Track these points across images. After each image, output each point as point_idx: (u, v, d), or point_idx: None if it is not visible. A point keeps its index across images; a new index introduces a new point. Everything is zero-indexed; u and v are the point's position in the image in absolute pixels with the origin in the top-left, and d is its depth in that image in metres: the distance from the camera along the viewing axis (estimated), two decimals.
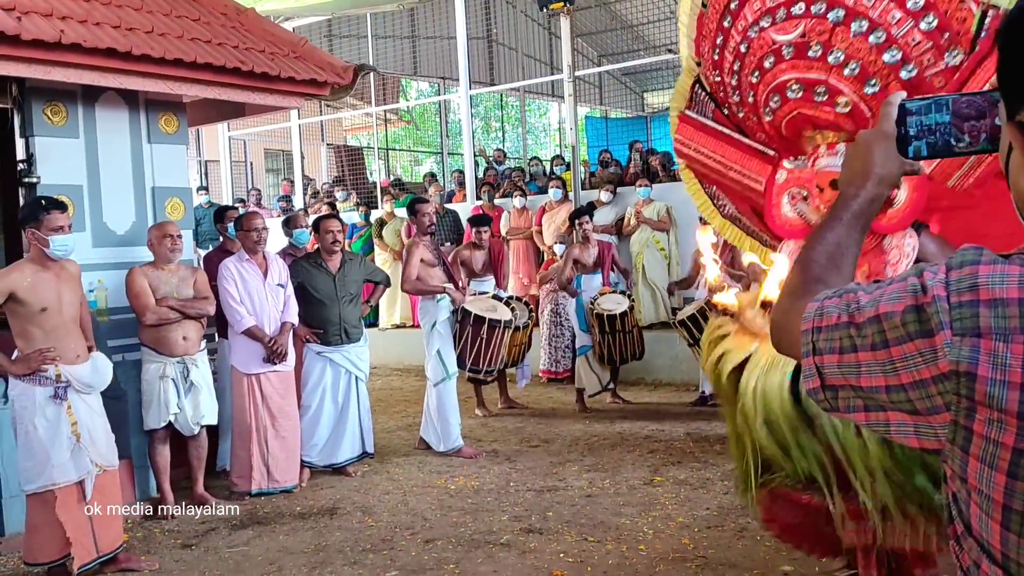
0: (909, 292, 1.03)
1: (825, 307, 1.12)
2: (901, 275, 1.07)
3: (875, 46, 2.89)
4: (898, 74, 2.90)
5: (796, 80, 3.08)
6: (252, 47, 6.07)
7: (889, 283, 1.06)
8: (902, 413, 1.06)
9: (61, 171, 5.58)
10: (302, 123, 14.72)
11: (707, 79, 3.53)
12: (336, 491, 5.87)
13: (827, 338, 1.10)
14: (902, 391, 1.04)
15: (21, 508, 4.49)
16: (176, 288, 5.46)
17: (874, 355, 1.05)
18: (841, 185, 1.32)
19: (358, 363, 6.37)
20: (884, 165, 1.28)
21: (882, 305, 1.04)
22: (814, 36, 2.98)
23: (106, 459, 4.51)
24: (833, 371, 1.10)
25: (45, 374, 4.29)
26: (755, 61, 3.17)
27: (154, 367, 5.42)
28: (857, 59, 2.93)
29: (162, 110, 6.15)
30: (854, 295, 1.09)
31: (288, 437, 5.94)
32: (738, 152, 3.40)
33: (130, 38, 5.25)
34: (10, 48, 4.71)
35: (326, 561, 4.58)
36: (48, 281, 4.34)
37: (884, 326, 1.04)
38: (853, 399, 1.10)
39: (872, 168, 1.28)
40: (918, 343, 1.01)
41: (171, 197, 6.20)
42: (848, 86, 2.98)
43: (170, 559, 4.74)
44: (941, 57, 2.84)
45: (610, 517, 5.07)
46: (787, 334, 1.22)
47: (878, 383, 1.05)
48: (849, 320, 1.08)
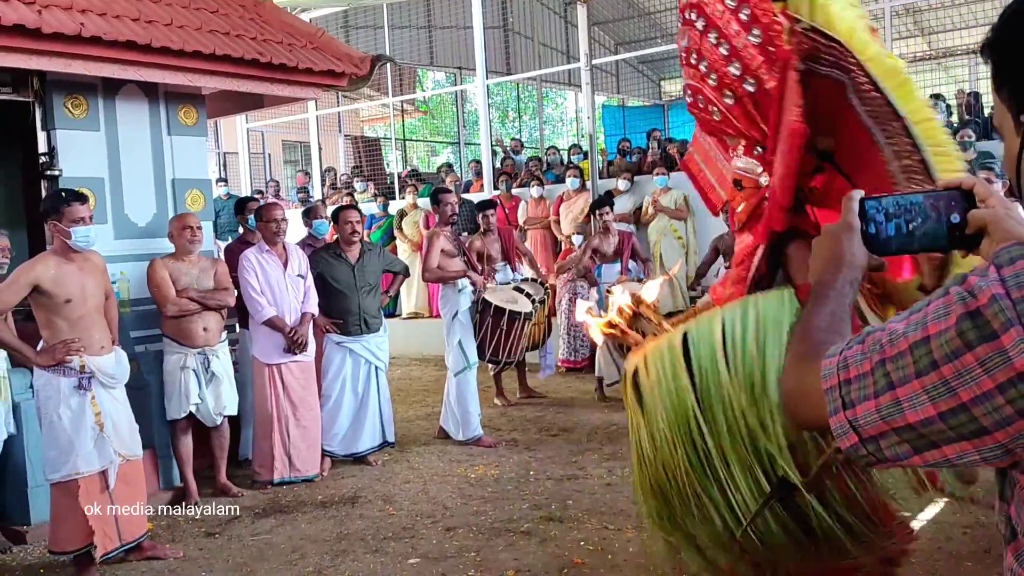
0: (957, 302, 0.97)
1: (848, 358, 1.07)
2: (937, 293, 1.02)
3: (724, 57, 2.86)
4: (743, 87, 2.85)
5: (687, 86, 3.10)
6: (270, 38, 6.09)
7: (925, 304, 1.02)
8: (961, 442, 0.99)
9: (82, 164, 5.62)
10: (319, 114, 14.75)
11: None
12: (357, 480, 5.90)
13: (859, 387, 1.04)
14: (962, 411, 0.96)
15: (47, 498, 4.55)
16: (196, 279, 5.50)
17: (920, 383, 0.98)
18: (815, 275, 1.31)
19: (378, 353, 6.40)
20: (853, 254, 1.28)
21: (931, 325, 0.98)
22: (693, 44, 2.97)
23: (130, 449, 4.56)
24: (871, 419, 1.03)
25: (69, 364, 4.33)
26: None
27: (175, 358, 5.47)
28: (714, 70, 2.91)
29: (181, 102, 6.18)
30: (881, 332, 1.04)
31: (309, 427, 5.98)
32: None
33: (149, 31, 5.28)
34: (31, 41, 4.75)
35: (348, 549, 4.62)
36: (72, 273, 4.38)
37: (932, 346, 0.98)
38: (899, 444, 1.03)
39: (842, 257, 1.27)
40: (978, 351, 0.95)
41: (191, 189, 6.23)
42: (714, 95, 2.96)
43: (194, 547, 4.79)
44: (771, 72, 2.76)
45: (630, 505, 5.07)
46: (804, 400, 1.14)
47: (927, 414, 0.99)
48: (881, 358, 1.02)
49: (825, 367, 1.09)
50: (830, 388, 1.07)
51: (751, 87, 2.82)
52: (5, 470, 4.97)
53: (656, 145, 11.87)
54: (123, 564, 4.55)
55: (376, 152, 18.53)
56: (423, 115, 24.52)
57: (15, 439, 4.93)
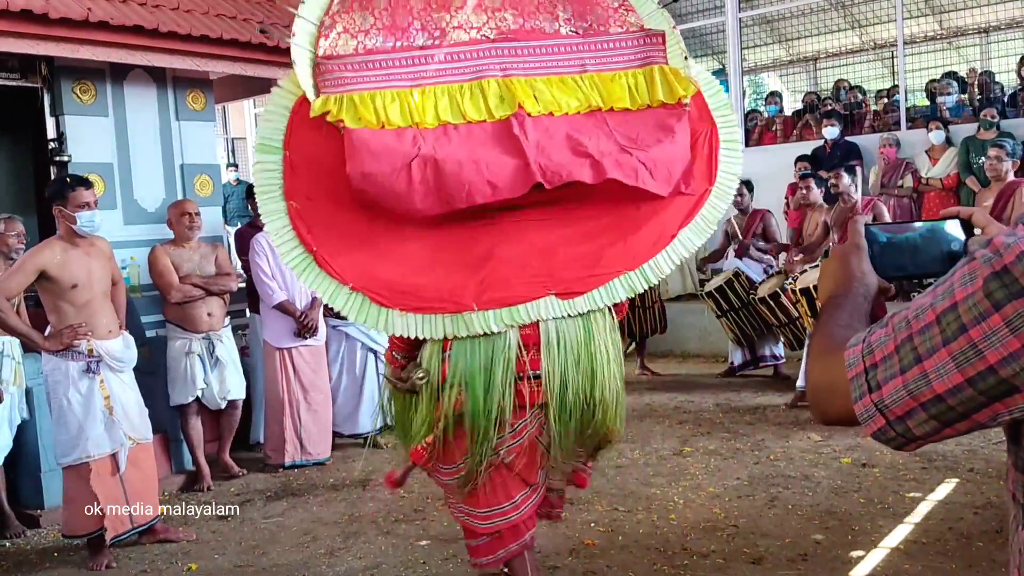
0: (984, 264, 0.97)
1: (872, 343, 1.06)
2: (962, 261, 1.01)
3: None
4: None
5: None
6: (277, 22, 6.07)
7: (951, 274, 1.01)
8: (994, 404, 0.98)
9: (91, 149, 5.63)
10: None
11: None
12: (368, 463, 5.93)
13: (885, 368, 1.03)
14: (990, 374, 0.96)
15: (60, 482, 4.58)
16: (198, 265, 5.51)
17: (948, 350, 0.98)
18: (825, 294, 1.31)
19: (374, 336, 6.40)
20: (863, 272, 1.28)
21: (957, 291, 0.98)
22: None
23: (140, 432, 4.58)
24: (898, 397, 1.02)
25: (77, 349, 4.35)
26: None
27: (180, 343, 5.49)
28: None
29: (189, 87, 6.17)
30: (907, 310, 1.04)
31: (320, 410, 6.00)
32: None
33: (157, 15, 5.28)
34: (39, 27, 4.75)
35: (359, 531, 4.64)
36: (78, 258, 4.39)
37: (960, 311, 0.97)
38: (927, 422, 1.02)
39: (853, 274, 1.28)
40: (1006, 310, 0.94)
41: (200, 174, 6.24)
42: None
43: (206, 530, 4.82)
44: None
45: (640, 487, 5.08)
46: (830, 393, 1.13)
47: (955, 381, 0.98)
48: (909, 334, 1.02)
49: (849, 356, 1.08)
50: (855, 376, 1.06)
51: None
52: (19, 455, 5.00)
53: None
54: (136, 547, 4.59)
55: None
56: None
57: (28, 424, 4.97)
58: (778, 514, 4.54)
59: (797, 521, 4.43)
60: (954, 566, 3.80)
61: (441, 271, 3.15)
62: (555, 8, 3.46)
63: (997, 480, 4.83)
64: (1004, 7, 14.00)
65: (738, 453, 5.64)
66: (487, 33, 3.39)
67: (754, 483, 5.04)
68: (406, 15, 3.34)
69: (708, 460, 5.53)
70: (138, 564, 4.41)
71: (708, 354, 9.06)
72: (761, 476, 5.14)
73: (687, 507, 4.72)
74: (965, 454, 5.33)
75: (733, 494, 4.88)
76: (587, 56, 3.39)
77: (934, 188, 8.42)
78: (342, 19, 3.27)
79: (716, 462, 5.48)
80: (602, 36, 3.42)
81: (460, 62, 3.31)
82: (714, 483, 5.08)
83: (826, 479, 5.04)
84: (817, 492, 4.84)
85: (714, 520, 4.50)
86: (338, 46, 3.24)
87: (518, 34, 3.39)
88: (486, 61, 3.32)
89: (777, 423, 6.36)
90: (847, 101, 10.57)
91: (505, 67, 3.33)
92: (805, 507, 4.62)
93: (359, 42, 3.27)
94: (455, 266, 3.15)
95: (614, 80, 3.36)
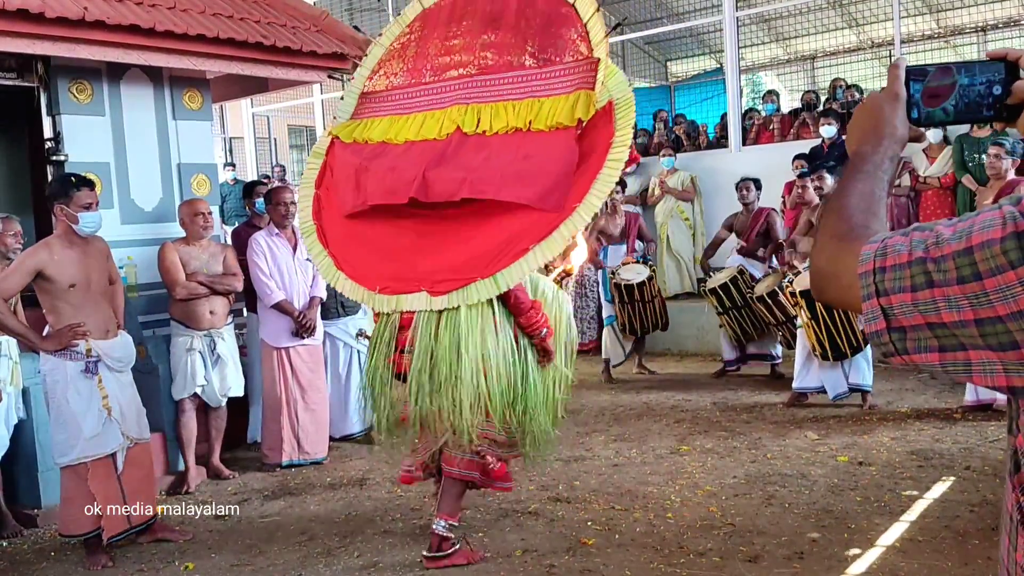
0: (1008, 219, 0.98)
1: (889, 246, 1.07)
2: (989, 206, 1.03)
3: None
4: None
5: None
6: (274, 21, 6.07)
7: (976, 215, 1.03)
8: (987, 350, 1.01)
9: (88, 149, 5.63)
10: (324, 98, 14.72)
11: None
12: (365, 462, 5.93)
13: (896, 277, 1.05)
14: (998, 322, 0.98)
15: (57, 481, 4.58)
16: (206, 264, 5.53)
17: (962, 288, 1.00)
18: (853, 144, 1.30)
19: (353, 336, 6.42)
20: (894, 126, 1.26)
21: (975, 235, 1.00)
22: None
23: (138, 432, 4.58)
24: (906, 309, 1.04)
25: (76, 348, 4.35)
26: None
27: (182, 340, 5.51)
28: None
29: (186, 86, 6.17)
30: (930, 231, 1.05)
31: (317, 410, 6.01)
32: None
33: (153, 14, 5.27)
34: (35, 26, 4.75)
35: (357, 530, 4.64)
36: (75, 258, 4.39)
37: (976, 257, 0.99)
38: (927, 339, 1.05)
39: (883, 128, 1.26)
40: (1021, 271, 0.96)
41: (197, 173, 6.23)
42: None
43: (204, 529, 4.82)
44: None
45: (637, 486, 5.09)
46: (834, 280, 1.16)
47: (965, 316, 1.00)
48: (925, 255, 1.03)
49: (864, 251, 1.09)
50: (865, 273, 1.08)
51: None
52: (16, 454, 5.00)
53: (663, 126, 11.82)
54: (133, 546, 4.59)
55: None
56: None
57: (25, 423, 4.97)
58: (775, 512, 4.55)
59: (793, 519, 4.44)
60: (950, 564, 3.81)
61: (375, 256, 4.10)
62: (525, 43, 4.09)
63: (993, 478, 4.84)
64: (1001, 5, 14.02)
65: (735, 452, 5.64)
66: (471, 70, 4.16)
67: (751, 481, 5.04)
68: (423, 61, 4.33)
69: (705, 459, 5.53)
70: (135, 563, 4.41)
71: (706, 353, 9.06)
72: (758, 474, 5.15)
73: (684, 505, 4.72)
74: (961, 452, 5.34)
75: (730, 492, 4.89)
76: (536, 84, 3.98)
77: (931, 186, 8.42)
78: (385, 66, 4.50)
79: (713, 461, 5.48)
80: (554, 66, 3.99)
81: (443, 93, 4.17)
82: (711, 481, 5.08)
83: (823, 477, 5.05)
84: (814, 490, 4.84)
85: (711, 518, 4.51)
86: (377, 85, 4.47)
87: (491, 69, 4.11)
88: (460, 92, 4.12)
89: (774, 422, 6.37)
90: (844, 100, 10.58)
91: (470, 97, 4.08)
92: (802, 505, 4.63)
93: (389, 82, 4.43)
94: (381, 254, 4.10)
95: (544, 105, 3.89)
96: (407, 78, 4.35)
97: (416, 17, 4.52)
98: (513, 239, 3.75)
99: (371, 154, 4.18)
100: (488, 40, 4.18)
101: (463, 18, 4.32)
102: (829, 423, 6.22)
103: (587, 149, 3.80)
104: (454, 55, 4.24)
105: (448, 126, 4.04)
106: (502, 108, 3.98)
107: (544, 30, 4.09)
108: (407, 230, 4.04)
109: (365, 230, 4.16)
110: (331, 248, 4.22)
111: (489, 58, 4.15)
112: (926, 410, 6.44)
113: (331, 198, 4.34)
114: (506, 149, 3.89)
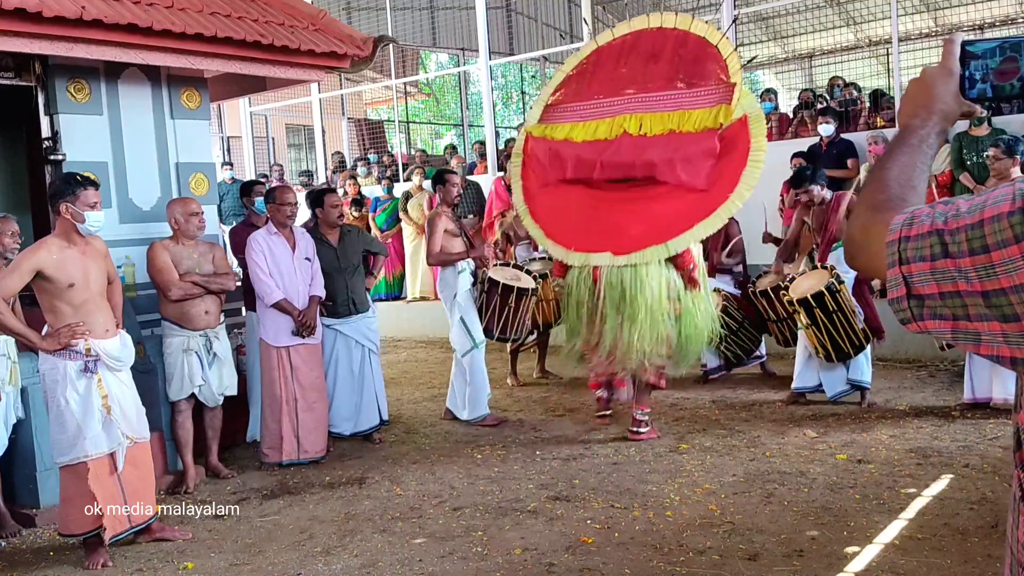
0: (1018, 195, 1.02)
1: (916, 216, 1.11)
2: (1004, 183, 1.07)
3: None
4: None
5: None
6: (272, 20, 6.06)
7: (993, 190, 1.06)
8: (993, 322, 1.05)
9: (86, 148, 5.62)
10: (322, 97, 14.71)
11: None
12: (364, 461, 5.93)
13: (916, 246, 1.09)
14: (1002, 295, 1.03)
15: (55, 481, 4.58)
16: (197, 263, 5.50)
17: (972, 260, 1.04)
18: (904, 117, 1.32)
19: (368, 334, 6.40)
20: (946, 102, 1.28)
21: (987, 210, 1.04)
22: None
23: (137, 432, 4.58)
24: (924, 278, 1.09)
25: (75, 348, 4.34)
26: None
27: (177, 341, 5.48)
28: None
29: (184, 85, 6.17)
30: (950, 205, 1.09)
31: (317, 409, 6.00)
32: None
33: (151, 13, 5.26)
34: (32, 25, 4.73)
35: (356, 529, 4.64)
36: (74, 257, 4.38)
37: (986, 230, 1.03)
38: (941, 308, 1.09)
39: (934, 103, 1.28)
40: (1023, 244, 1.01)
41: (195, 172, 6.23)
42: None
43: (203, 528, 4.82)
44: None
45: (636, 484, 5.09)
46: (864, 249, 1.21)
47: (975, 288, 1.04)
48: (943, 226, 1.07)
49: (895, 222, 1.14)
50: (892, 241, 1.13)
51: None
52: (15, 454, 4.99)
53: None
54: (132, 546, 4.58)
55: (380, 135, 18.48)
56: (427, 97, 24.39)
57: (23, 423, 4.96)
58: (774, 510, 4.55)
59: (792, 517, 4.44)
60: (949, 561, 3.81)
61: (572, 221, 5.78)
62: (678, 72, 5.80)
63: (992, 476, 4.85)
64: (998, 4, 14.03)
65: (734, 450, 5.65)
66: (635, 90, 5.90)
67: (750, 479, 5.05)
68: (597, 84, 6.11)
69: (704, 457, 5.54)
70: (134, 563, 4.41)
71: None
72: (757, 472, 5.15)
73: (683, 504, 4.72)
74: (960, 450, 5.35)
75: (729, 490, 4.89)
76: (685, 99, 5.67)
77: (929, 184, 8.42)
78: (565, 86, 6.28)
79: (712, 459, 5.49)
80: (699, 88, 5.66)
81: (613, 107, 5.90)
82: (710, 480, 5.09)
83: (821, 475, 5.05)
84: (813, 488, 4.85)
85: (710, 517, 4.51)
86: (559, 99, 6.24)
87: (651, 89, 5.83)
88: (626, 106, 5.86)
89: (773, 420, 6.37)
90: (842, 98, 10.58)
91: (635, 109, 5.80)
92: (801, 503, 4.63)
93: (569, 98, 6.18)
94: (579, 220, 5.76)
95: (692, 114, 5.57)
96: (583, 96, 6.09)
97: (592, 52, 6.25)
98: (681, 217, 5.42)
99: (560, 145, 5.96)
100: (649, 70, 5.86)
101: (631, 53, 6.01)
102: (828, 421, 6.23)
103: (727, 147, 5.40)
104: (622, 80, 5.96)
105: (617, 129, 5.74)
106: (659, 116, 5.66)
107: (693, 63, 5.72)
108: (593, 207, 5.74)
109: (563, 205, 5.87)
110: (541, 223, 5.94)
111: (650, 82, 5.84)
112: (925, 408, 6.45)
113: (533, 181, 6.10)
114: (663, 144, 5.56)
